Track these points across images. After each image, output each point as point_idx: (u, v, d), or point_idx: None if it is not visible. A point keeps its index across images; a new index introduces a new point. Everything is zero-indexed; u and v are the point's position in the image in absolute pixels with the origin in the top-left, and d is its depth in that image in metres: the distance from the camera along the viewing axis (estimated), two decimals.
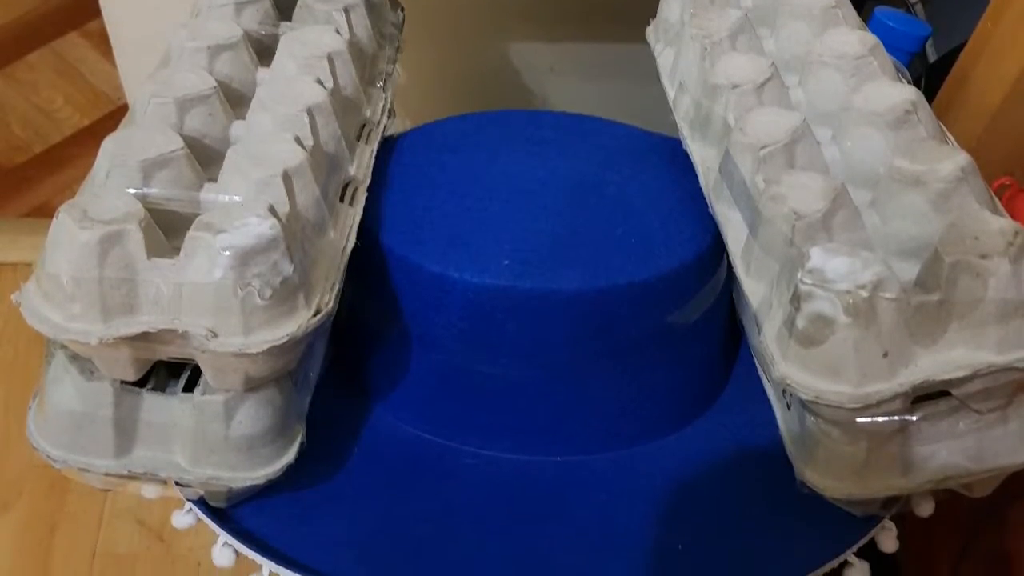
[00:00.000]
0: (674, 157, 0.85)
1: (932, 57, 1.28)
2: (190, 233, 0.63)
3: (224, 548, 0.72)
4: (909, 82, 0.83)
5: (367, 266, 0.77)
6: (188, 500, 0.73)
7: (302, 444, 0.72)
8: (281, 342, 0.64)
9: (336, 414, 0.80)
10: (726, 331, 0.84)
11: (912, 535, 0.93)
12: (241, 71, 0.84)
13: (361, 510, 0.75)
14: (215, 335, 0.63)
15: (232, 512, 0.73)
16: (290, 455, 0.71)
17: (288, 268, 0.64)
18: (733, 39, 0.87)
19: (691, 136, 0.84)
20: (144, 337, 0.63)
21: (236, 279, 0.62)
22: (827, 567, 0.72)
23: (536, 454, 0.79)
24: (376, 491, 0.76)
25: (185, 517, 0.74)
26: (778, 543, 0.73)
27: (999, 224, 0.64)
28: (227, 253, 0.61)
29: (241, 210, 0.64)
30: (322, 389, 0.77)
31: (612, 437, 0.80)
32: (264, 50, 0.87)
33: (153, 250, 0.64)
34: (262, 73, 0.86)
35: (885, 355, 0.62)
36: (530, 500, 0.76)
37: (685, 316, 0.78)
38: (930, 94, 1.11)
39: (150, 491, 0.72)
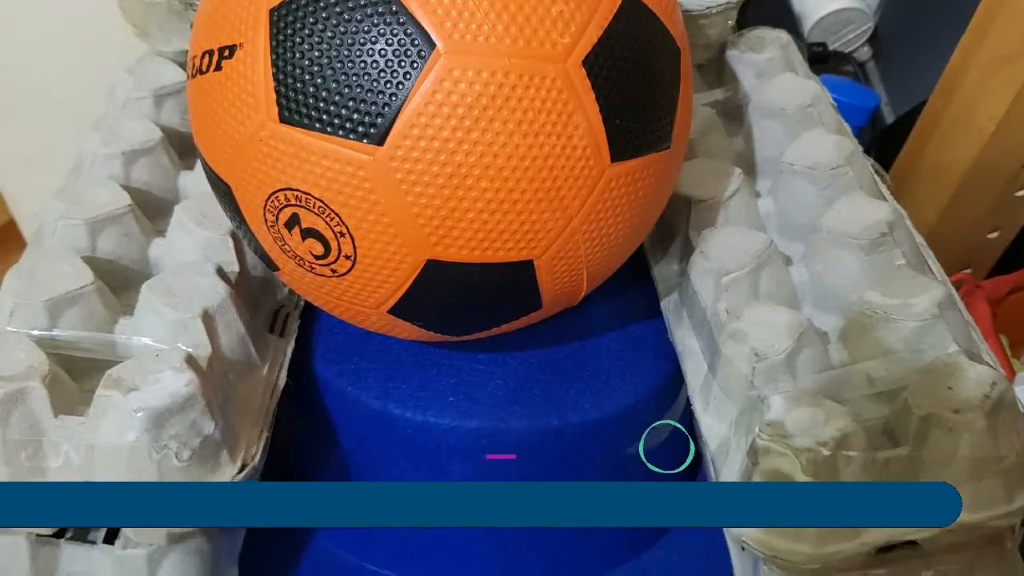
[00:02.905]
0: (636, 272, 0.86)
1: (889, 117, 1.31)
2: (99, 391, 0.65)
3: None
4: (888, 186, 0.85)
5: (303, 394, 0.79)
6: None
7: None
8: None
9: (276, 543, 0.82)
10: (685, 453, 0.85)
11: None
12: (161, 177, 0.87)
13: None
14: None
15: None
16: None
17: (208, 426, 0.66)
18: (701, 138, 0.89)
19: (651, 250, 0.86)
20: None
21: (151, 441, 0.64)
22: None
23: None
24: None
25: None
26: None
27: (976, 373, 0.65)
28: (140, 414, 0.63)
29: (155, 362, 0.66)
30: None
31: (562, 570, 0.82)
32: (189, 147, 0.89)
33: (60, 405, 0.66)
34: (185, 178, 0.88)
35: None
36: None
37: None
38: (887, 159, 1.14)
39: None
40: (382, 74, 0.57)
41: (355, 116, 0.58)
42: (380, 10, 0.58)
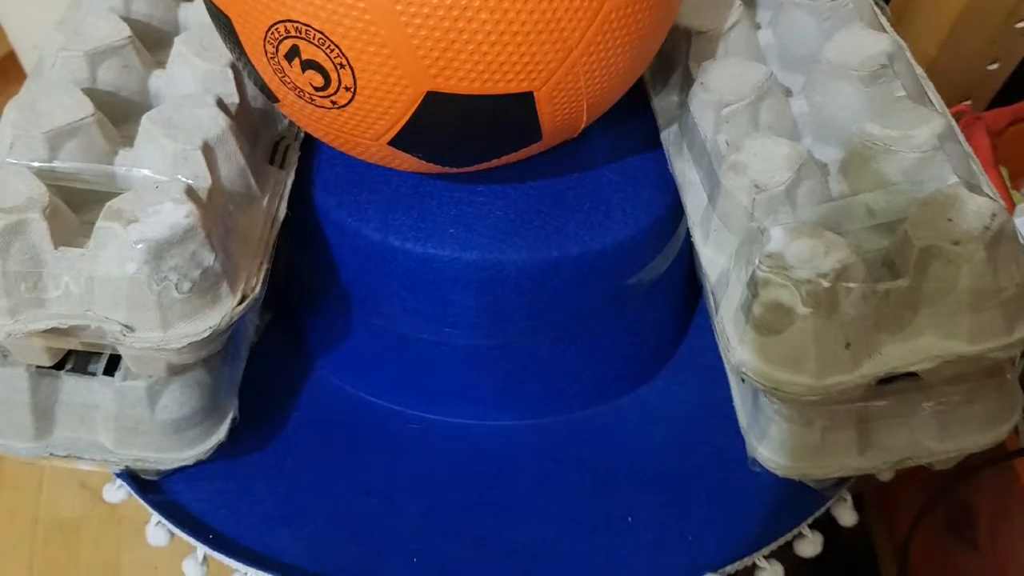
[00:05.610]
0: (635, 104, 0.84)
1: None
2: (99, 223, 0.63)
3: (158, 527, 0.74)
4: (888, 18, 0.83)
5: (302, 226, 0.77)
6: (116, 475, 0.75)
7: (234, 420, 0.73)
8: (203, 336, 0.64)
9: (276, 374, 0.82)
10: (686, 285, 0.85)
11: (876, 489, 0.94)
12: (161, 9, 0.84)
13: (301, 482, 0.76)
14: (131, 329, 0.63)
15: (164, 484, 0.75)
16: (221, 434, 0.72)
17: (208, 258, 0.64)
18: None
19: (651, 82, 0.84)
20: (55, 330, 0.64)
21: (151, 273, 0.62)
22: (780, 541, 0.74)
23: (484, 419, 0.81)
24: (317, 460, 0.78)
25: (117, 492, 0.76)
26: (730, 514, 0.75)
27: (976, 204, 0.63)
28: (140, 246, 0.61)
29: (155, 193, 0.64)
30: (262, 347, 0.79)
31: (562, 401, 0.81)
32: None
33: (60, 237, 0.64)
34: (185, 10, 0.85)
35: (848, 346, 0.62)
36: (477, 467, 0.78)
37: (642, 280, 0.78)
38: None
39: (83, 463, 0.73)
40: None
41: None
42: None
